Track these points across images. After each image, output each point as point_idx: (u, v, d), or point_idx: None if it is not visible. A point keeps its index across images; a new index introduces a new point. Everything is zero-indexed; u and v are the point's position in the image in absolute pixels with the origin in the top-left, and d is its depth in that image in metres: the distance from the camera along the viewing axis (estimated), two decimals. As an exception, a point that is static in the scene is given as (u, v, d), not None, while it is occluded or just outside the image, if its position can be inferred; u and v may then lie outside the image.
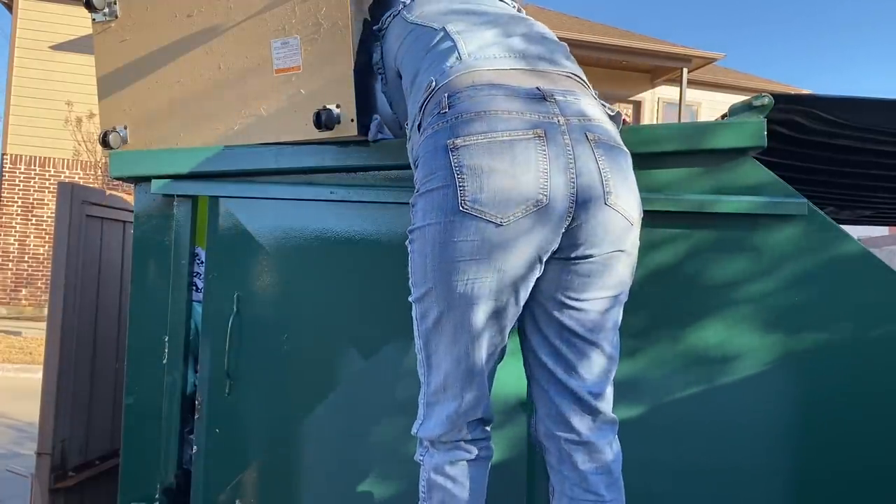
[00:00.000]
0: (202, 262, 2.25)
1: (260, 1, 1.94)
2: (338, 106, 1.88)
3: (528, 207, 1.42)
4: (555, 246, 1.47)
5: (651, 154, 1.82)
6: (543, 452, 1.66)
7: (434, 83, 1.57)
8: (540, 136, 1.44)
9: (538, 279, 1.52)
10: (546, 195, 1.43)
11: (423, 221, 1.49)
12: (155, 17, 2.03)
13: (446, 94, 1.52)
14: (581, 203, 1.45)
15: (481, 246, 1.44)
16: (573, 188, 1.44)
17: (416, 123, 1.60)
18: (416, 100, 1.63)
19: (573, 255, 1.50)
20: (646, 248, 1.84)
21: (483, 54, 1.60)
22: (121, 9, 2.06)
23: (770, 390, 1.84)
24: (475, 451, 1.59)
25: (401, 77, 1.78)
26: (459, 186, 1.43)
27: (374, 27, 1.81)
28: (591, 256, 1.50)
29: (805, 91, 16.88)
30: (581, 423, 1.59)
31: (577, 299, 1.53)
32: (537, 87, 1.53)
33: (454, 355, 1.53)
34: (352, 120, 1.88)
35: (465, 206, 1.43)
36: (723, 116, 1.93)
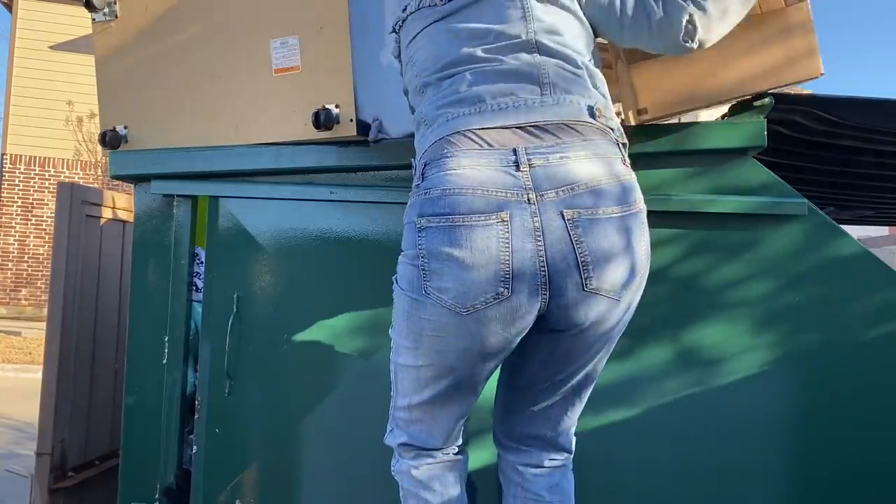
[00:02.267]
0: (202, 262, 2.25)
1: (260, 1, 1.94)
2: (337, 106, 1.88)
3: (489, 299, 1.36)
4: (526, 327, 1.41)
5: (651, 154, 1.82)
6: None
7: (415, 162, 1.53)
8: (504, 221, 1.34)
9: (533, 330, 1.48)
10: (508, 287, 1.35)
11: (401, 283, 1.48)
12: (155, 18, 2.03)
13: (423, 163, 1.47)
14: (556, 289, 1.36)
15: (444, 328, 1.41)
16: (543, 276, 1.35)
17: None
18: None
19: (558, 329, 1.45)
20: (646, 248, 1.84)
21: (458, 112, 1.46)
22: (121, 9, 2.06)
23: (770, 390, 1.84)
24: (440, 455, 1.59)
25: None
26: (423, 270, 1.40)
27: (389, 31, 1.78)
28: (576, 331, 1.44)
29: (805, 91, 16.84)
30: (534, 455, 1.62)
31: (566, 359, 1.50)
32: (514, 150, 1.39)
33: (419, 397, 1.52)
34: (351, 120, 1.88)
35: (428, 291, 1.40)
36: (723, 116, 1.93)
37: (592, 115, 1.44)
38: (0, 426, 5.64)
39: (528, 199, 1.35)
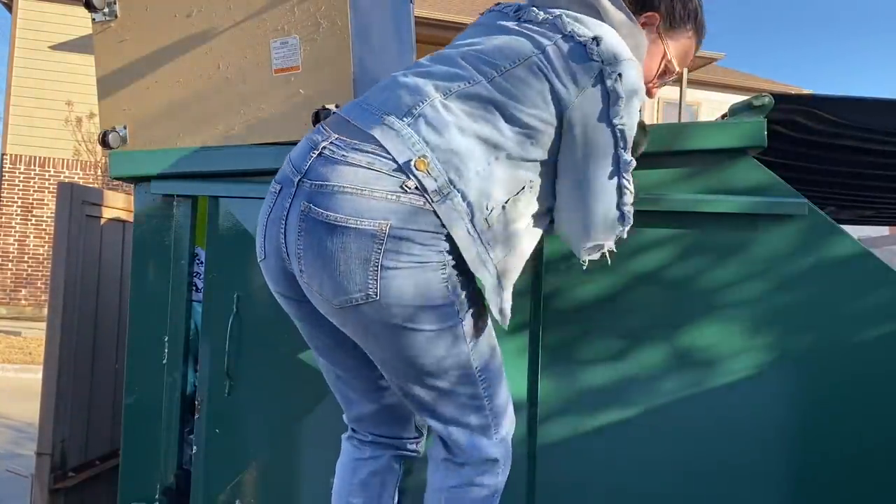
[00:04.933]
0: (202, 262, 2.25)
1: (259, 1, 1.94)
2: (337, 106, 1.88)
3: (259, 255, 1.52)
4: (300, 294, 1.48)
5: (651, 154, 1.82)
6: None
7: None
8: (274, 192, 1.46)
9: None
10: (263, 250, 1.49)
11: None
12: (154, 17, 2.03)
13: None
14: (293, 265, 1.43)
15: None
16: (284, 252, 1.43)
17: None
18: None
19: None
20: (645, 249, 1.84)
21: (355, 99, 1.54)
22: (121, 9, 2.06)
23: (770, 391, 1.84)
24: (349, 436, 1.72)
25: None
26: None
27: None
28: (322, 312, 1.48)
29: (806, 91, 16.88)
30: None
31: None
32: (327, 136, 1.42)
33: None
34: (352, 120, 1.88)
35: None
36: (723, 116, 1.93)
37: (408, 166, 1.37)
38: (0, 426, 5.64)
39: (295, 181, 1.41)
